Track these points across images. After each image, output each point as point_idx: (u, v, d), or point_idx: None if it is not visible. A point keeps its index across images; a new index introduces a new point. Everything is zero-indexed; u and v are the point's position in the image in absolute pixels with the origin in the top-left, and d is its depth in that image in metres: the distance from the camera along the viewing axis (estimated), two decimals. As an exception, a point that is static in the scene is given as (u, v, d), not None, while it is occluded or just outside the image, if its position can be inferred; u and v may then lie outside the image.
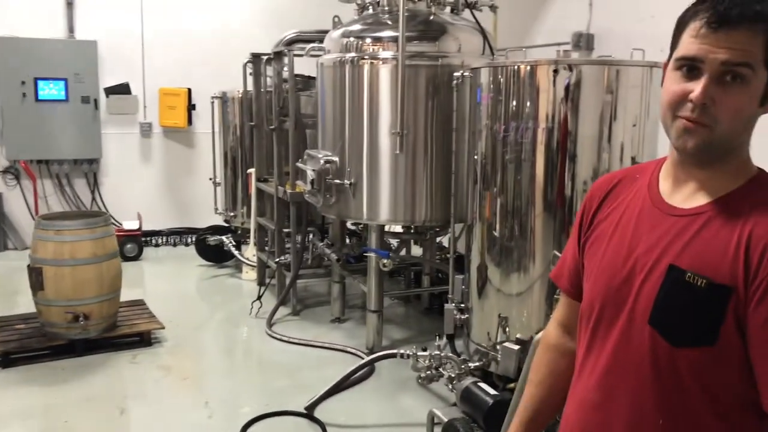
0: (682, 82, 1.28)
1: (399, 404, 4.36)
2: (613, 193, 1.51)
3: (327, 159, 5.03)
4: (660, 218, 1.36)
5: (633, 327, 1.35)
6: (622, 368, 1.37)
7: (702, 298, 1.25)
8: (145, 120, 8.41)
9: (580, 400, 1.48)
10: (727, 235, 1.26)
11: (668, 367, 1.30)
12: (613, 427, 1.39)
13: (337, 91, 5.06)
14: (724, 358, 1.25)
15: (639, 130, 3.84)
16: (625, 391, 1.37)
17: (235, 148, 7.47)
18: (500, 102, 3.97)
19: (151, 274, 7.40)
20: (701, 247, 1.28)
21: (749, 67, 1.23)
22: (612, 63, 3.75)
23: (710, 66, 1.24)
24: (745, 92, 1.25)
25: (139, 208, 8.01)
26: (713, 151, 1.29)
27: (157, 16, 8.21)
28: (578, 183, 3.81)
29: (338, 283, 5.77)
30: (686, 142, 1.29)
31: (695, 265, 1.26)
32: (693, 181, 1.35)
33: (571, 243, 1.63)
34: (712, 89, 1.24)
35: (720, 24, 1.23)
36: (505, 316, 4.07)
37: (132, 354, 5.01)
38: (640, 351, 1.33)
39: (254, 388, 4.61)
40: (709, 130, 1.26)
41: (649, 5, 4.95)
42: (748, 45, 1.22)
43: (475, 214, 4.26)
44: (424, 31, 4.88)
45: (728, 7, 1.23)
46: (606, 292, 1.41)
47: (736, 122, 1.27)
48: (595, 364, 1.44)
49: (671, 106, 1.30)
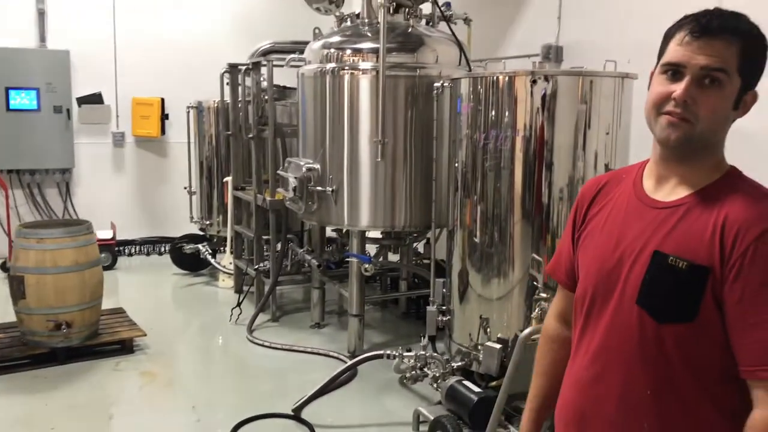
0: (667, 84, 1.48)
1: (384, 405, 4.47)
2: (602, 193, 1.69)
3: (309, 167, 5.14)
4: (645, 211, 1.54)
5: (622, 308, 1.52)
6: (613, 345, 1.54)
7: (683, 278, 1.42)
8: (118, 129, 8.40)
9: (575, 379, 1.64)
10: (705, 221, 1.44)
11: (654, 343, 1.47)
12: (606, 401, 1.55)
13: (318, 100, 5.18)
14: (704, 332, 1.42)
15: (612, 138, 4.03)
16: (616, 367, 1.53)
17: (210, 157, 7.53)
18: (480, 111, 4.14)
19: (127, 284, 7.40)
20: (682, 233, 1.45)
21: (725, 72, 1.43)
22: (586, 74, 3.94)
23: (691, 70, 1.43)
24: (721, 95, 1.44)
25: (112, 217, 7.99)
26: (693, 145, 1.47)
27: (130, 26, 8.22)
28: (555, 191, 3.99)
29: (318, 289, 5.87)
30: (670, 134, 1.47)
31: (677, 250, 1.44)
32: (674, 176, 1.53)
33: (565, 239, 1.80)
34: (693, 90, 1.43)
35: (701, 34, 1.43)
36: (486, 317, 4.22)
37: (115, 361, 5.04)
38: (629, 329, 1.50)
39: (239, 392, 4.68)
40: (691, 126, 1.44)
41: (616, 19, 5.17)
42: (725, 53, 1.42)
43: (456, 221, 4.41)
44: (403, 42, 5.03)
45: (709, 21, 1.43)
46: (597, 279, 1.58)
47: (713, 121, 1.45)
48: (589, 344, 1.61)
49: (656, 105, 1.49)
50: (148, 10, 8.31)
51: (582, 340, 1.63)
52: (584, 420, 1.61)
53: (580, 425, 1.62)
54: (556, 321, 1.87)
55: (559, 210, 4.00)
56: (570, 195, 3.98)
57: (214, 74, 7.10)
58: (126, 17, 8.22)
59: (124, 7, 8.21)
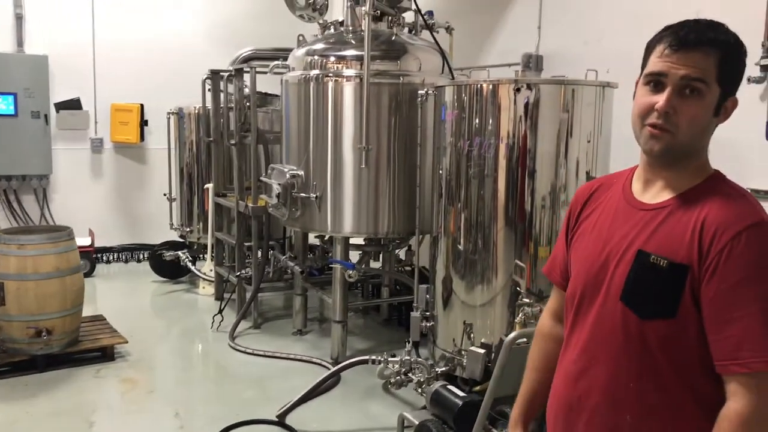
0: (650, 95, 1.54)
1: (368, 410, 4.49)
2: (593, 197, 1.76)
3: (292, 173, 5.15)
4: (631, 213, 1.61)
5: (607, 304, 1.59)
6: (598, 341, 1.61)
7: (664, 276, 1.49)
8: (96, 135, 8.32)
9: (565, 373, 1.71)
10: (686, 222, 1.51)
11: (637, 338, 1.53)
12: (592, 393, 1.62)
13: (302, 107, 5.20)
14: (684, 328, 1.48)
15: (593, 146, 4.11)
16: (601, 361, 1.60)
17: (191, 163, 7.50)
18: (464, 119, 4.19)
19: (106, 291, 7.32)
20: (664, 234, 1.52)
21: (703, 82, 1.49)
22: (568, 83, 4.02)
23: (672, 80, 1.50)
24: (701, 104, 1.51)
25: (90, 224, 7.91)
26: (675, 152, 1.54)
27: (110, 32, 8.16)
28: (538, 198, 4.05)
29: (300, 296, 5.87)
30: (653, 146, 1.54)
31: (659, 249, 1.51)
32: (659, 180, 1.60)
33: (560, 241, 1.87)
34: (674, 100, 1.50)
35: (680, 46, 1.50)
36: (470, 323, 4.26)
37: (95, 369, 4.99)
38: (614, 325, 1.57)
39: (223, 399, 4.66)
40: (671, 135, 1.51)
41: (595, 29, 5.27)
42: (703, 64, 1.49)
43: (440, 228, 4.45)
44: (387, 50, 5.08)
45: (687, 33, 1.50)
46: (586, 278, 1.65)
47: (694, 128, 1.52)
48: (577, 340, 1.67)
49: (640, 115, 1.56)
50: (127, 15, 8.25)
51: (571, 336, 1.71)
52: (571, 412, 1.67)
53: (568, 417, 1.69)
54: (551, 319, 1.93)
55: (541, 217, 4.06)
56: (552, 202, 4.05)
57: (194, 80, 7.08)
58: (105, 23, 8.16)
59: (103, 12, 8.15)
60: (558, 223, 4.05)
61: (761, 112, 4.06)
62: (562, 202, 4.05)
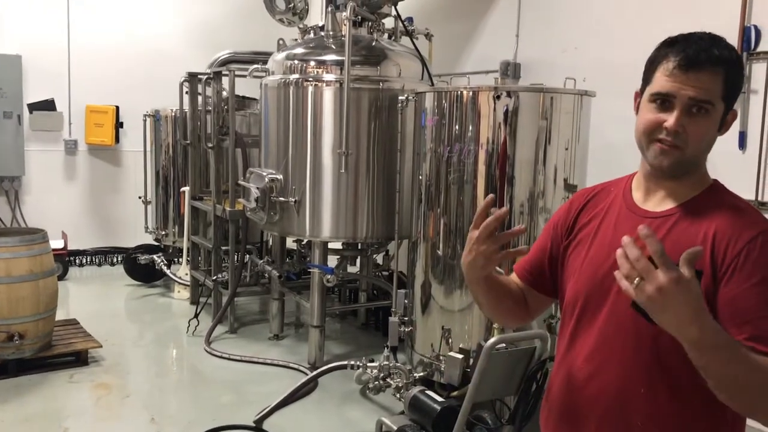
0: (657, 112, 1.56)
1: (345, 415, 4.48)
2: (590, 204, 1.77)
3: (271, 177, 5.14)
4: (636, 221, 1.61)
5: (617, 311, 1.59)
6: (608, 346, 1.61)
7: None
8: (71, 137, 8.22)
9: (569, 379, 1.70)
10: (695, 231, 1.54)
11: (649, 343, 1.55)
12: (601, 399, 1.62)
13: (281, 111, 5.19)
14: None
15: (571, 153, 4.16)
16: (611, 367, 1.61)
17: (167, 166, 7.44)
18: (444, 125, 4.22)
19: (79, 294, 7.23)
20: (674, 241, 1.54)
21: (710, 103, 1.52)
22: (547, 90, 4.06)
23: (680, 100, 1.52)
24: (708, 121, 1.54)
25: (63, 227, 7.81)
26: (683, 167, 1.58)
27: (85, 33, 8.08)
28: (516, 204, 4.08)
29: (277, 300, 5.85)
30: (662, 161, 1.56)
31: (670, 255, 1.50)
32: (662, 189, 1.63)
33: (542, 240, 1.87)
34: (683, 119, 1.52)
35: (689, 66, 1.51)
36: (448, 328, 4.28)
37: (69, 373, 4.92)
38: (625, 331, 1.58)
39: (199, 404, 4.63)
40: (681, 152, 1.54)
41: (572, 37, 5.34)
42: (711, 84, 1.51)
43: (419, 233, 4.47)
44: (367, 56, 5.09)
45: (695, 52, 1.51)
46: (591, 285, 1.65)
47: (701, 144, 1.56)
48: (582, 345, 1.67)
49: (647, 132, 1.58)
50: (103, 16, 8.18)
51: (574, 341, 1.70)
52: (579, 417, 1.67)
53: (575, 423, 1.69)
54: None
55: (520, 223, 4.09)
56: (531, 209, 4.09)
57: (170, 83, 7.03)
58: (81, 23, 8.08)
59: (79, 12, 8.06)
60: (536, 229, 4.08)
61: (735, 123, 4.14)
62: (540, 208, 4.09)
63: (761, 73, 4.07)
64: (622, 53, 4.76)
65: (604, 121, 4.46)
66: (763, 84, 4.05)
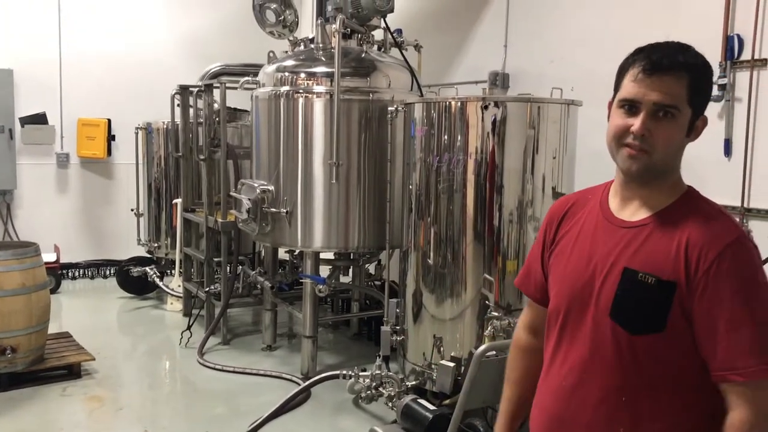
0: (625, 117, 1.60)
1: (338, 425, 4.49)
2: (570, 213, 1.80)
3: (263, 188, 5.16)
4: (612, 230, 1.65)
5: (597, 321, 1.62)
6: (590, 356, 1.64)
7: (652, 292, 1.54)
8: (62, 150, 8.23)
9: (554, 389, 1.73)
10: (669, 240, 1.56)
11: (628, 353, 1.57)
12: (584, 408, 1.65)
13: (272, 122, 5.23)
14: (674, 342, 1.54)
15: (558, 162, 4.21)
16: (593, 376, 1.63)
17: (159, 178, 7.47)
18: (433, 135, 4.26)
19: (71, 307, 7.22)
20: (649, 251, 1.57)
21: (675, 108, 1.55)
22: (534, 100, 4.11)
23: (646, 105, 1.56)
24: (674, 126, 1.57)
25: (55, 240, 7.81)
26: (652, 172, 1.60)
27: (77, 46, 8.11)
28: (505, 213, 4.13)
29: (270, 311, 5.86)
30: (631, 166, 1.60)
31: (645, 267, 1.55)
32: (637, 198, 1.66)
33: (535, 256, 1.89)
34: (649, 123, 1.56)
35: (653, 71, 1.55)
36: (439, 337, 4.31)
37: (62, 387, 4.92)
38: (605, 341, 1.60)
39: (192, 415, 4.63)
40: (649, 156, 1.57)
41: (559, 48, 5.40)
42: (675, 88, 1.55)
43: (410, 242, 4.50)
44: (356, 67, 5.14)
45: (659, 58, 1.56)
46: (571, 295, 1.68)
47: (669, 149, 1.59)
48: (566, 356, 1.70)
49: (616, 137, 1.62)
50: (95, 30, 8.21)
51: (558, 351, 1.73)
52: (563, 427, 1.70)
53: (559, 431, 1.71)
54: (527, 332, 1.96)
55: (509, 232, 4.13)
56: (520, 217, 4.13)
57: (162, 95, 7.06)
58: (72, 37, 8.11)
59: (70, 26, 8.09)
60: (525, 237, 4.13)
61: (720, 130, 4.21)
62: (529, 216, 4.13)
63: (745, 82, 4.14)
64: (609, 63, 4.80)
65: (592, 129, 4.50)
66: (747, 92, 4.12)
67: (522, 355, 1.96)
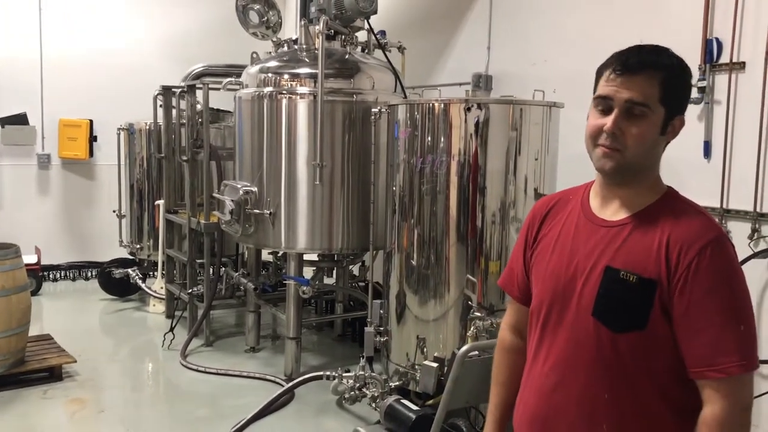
0: (599, 117, 1.63)
1: (322, 426, 4.49)
2: (552, 212, 1.82)
3: (246, 189, 5.15)
4: (594, 230, 1.67)
5: (579, 319, 1.64)
6: (572, 354, 1.66)
7: (634, 290, 1.56)
8: (44, 151, 8.16)
9: (537, 387, 1.75)
10: (650, 239, 1.59)
11: (610, 350, 1.60)
12: (568, 406, 1.67)
13: (256, 123, 5.22)
14: (655, 339, 1.57)
15: (540, 163, 4.24)
16: (576, 374, 1.65)
17: (141, 180, 7.43)
18: (416, 137, 4.28)
19: (53, 309, 7.16)
20: (630, 250, 1.60)
21: (646, 105, 1.59)
22: (517, 102, 4.14)
23: (618, 103, 1.59)
24: (646, 124, 1.60)
25: (36, 241, 7.74)
26: (626, 170, 1.63)
27: (57, 46, 8.05)
28: (488, 214, 4.15)
29: (253, 313, 5.84)
30: (604, 164, 1.63)
31: (627, 265, 1.57)
32: (617, 198, 1.68)
33: (517, 256, 1.91)
34: (621, 121, 1.59)
35: (624, 71, 1.59)
36: (423, 338, 4.32)
37: (42, 390, 4.88)
38: (587, 339, 1.63)
39: (176, 418, 4.61)
40: (621, 154, 1.60)
41: (541, 51, 5.44)
42: (647, 87, 1.58)
43: (393, 244, 4.51)
44: (340, 69, 5.14)
45: (629, 58, 1.60)
46: (553, 293, 1.70)
47: (640, 147, 1.61)
48: (548, 354, 1.72)
49: (591, 136, 1.65)
50: (76, 30, 8.15)
51: (540, 350, 1.75)
52: (546, 424, 1.72)
53: (543, 429, 1.73)
54: (511, 333, 1.98)
55: (492, 233, 4.16)
56: (502, 218, 4.15)
57: (145, 96, 7.02)
58: (54, 37, 8.04)
59: (51, 26, 8.03)
60: (508, 238, 4.15)
61: (699, 132, 4.26)
62: (512, 218, 4.16)
63: (723, 84, 4.19)
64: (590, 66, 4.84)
65: (573, 131, 4.53)
66: (726, 94, 4.17)
67: (507, 355, 1.97)
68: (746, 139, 4.10)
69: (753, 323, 1.55)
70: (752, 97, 4.06)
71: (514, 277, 1.92)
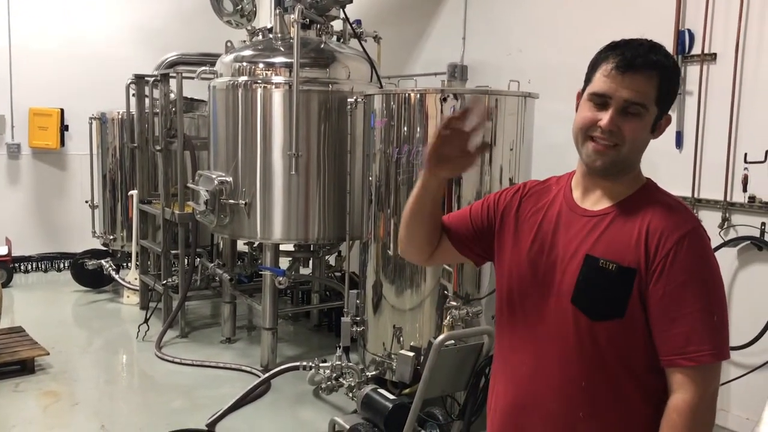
0: (594, 111, 1.63)
1: (298, 417, 4.50)
2: (536, 195, 1.82)
3: (221, 179, 5.12)
4: (575, 219, 1.69)
5: (558, 307, 1.66)
6: (549, 342, 1.68)
7: (613, 279, 1.58)
8: (13, 141, 8.02)
9: (513, 375, 1.76)
10: (630, 229, 1.61)
11: (588, 338, 1.62)
12: (545, 394, 1.69)
13: (230, 113, 5.18)
14: (631, 328, 1.59)
15: (515, 153, 4.26)
16: (553, 362, 1.67)
17: (114, 170, 7.34)
18: (392, 127, 4.28)
19: (24, 302, 7.05)
20: (610, 239, 1.62)
21: (644, 106, 1.59)
22: (492, 92, 4.15)
23: (616, 101, 1.59)
24: (640, 123, 1.61)
25: (6, 233, 7.62)
26: (616, 167, 1.65)
27: (26, 33, 7.90)
28: (464, 204, 4.15)
29: (229, 304, 5.82)
30: (596, 161, 1.63)
31: (606, 254, 1.60)
32: (598, 189, 1.70)
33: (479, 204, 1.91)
34: (617, 119, 1.59)
35: (626, 69, 1.58)
36: (399, 327, 4.34)
37: (14, 383, 4.82)
38: (565, 326, 1.64)
39: (151, 409, 4.58)
40: (616, 151, 1.61)
41: (517, 41, 5.46)
42: (645, 87, 1.59)
43: (370, 234, 4.52)
44: (316, 58, 5.12)
45: (633, 56, 1.59)
46: (531, 281, 1.71)
47: (634, 145, 1.63)
48: (522, 341, 1.74)
49: (583, 129, 1.65)
50: (46, 18, 8.00)
51: (513, 337, 1.77)
52: (524, 412, 1.73)
53: (520, 417, 1.74)
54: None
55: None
56: (478, 208, 4.17)
57: (117, 85, 6.93)
58: (22, 24, 7.89)
59: (19, 14, 7.88)
60: (483, 228, 4.16)
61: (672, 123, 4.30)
62: (488, 207, 4.17)
63: (695, 75, 4.25)
64: (564, 56, 4.90)
65: (548, 121, 4.58)
66: (697, 85, 4.23)
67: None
68: (717, 129, 4.17)
69: (726, 314, 1.58)
70: (723, 88, 4.12)
71: (460, 217, 1.92)
